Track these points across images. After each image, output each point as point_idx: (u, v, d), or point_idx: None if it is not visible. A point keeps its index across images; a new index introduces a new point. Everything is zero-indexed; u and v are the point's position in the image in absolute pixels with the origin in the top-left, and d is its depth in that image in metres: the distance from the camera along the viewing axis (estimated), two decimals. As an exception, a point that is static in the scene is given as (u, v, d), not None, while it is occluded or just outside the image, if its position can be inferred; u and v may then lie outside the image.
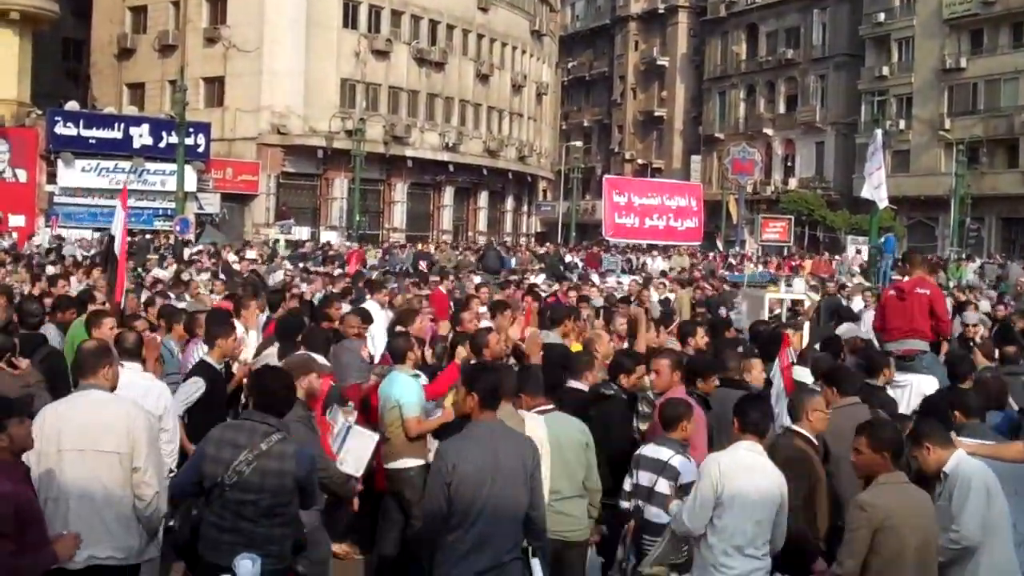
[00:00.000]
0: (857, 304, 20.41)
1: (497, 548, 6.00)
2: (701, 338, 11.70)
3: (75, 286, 18.58)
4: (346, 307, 13.61)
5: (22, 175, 45.35)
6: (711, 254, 48.37)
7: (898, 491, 6.09)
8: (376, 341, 13.08)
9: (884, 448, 6.15)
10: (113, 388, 6.58)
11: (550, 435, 7.31)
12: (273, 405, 6.28)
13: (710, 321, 14.71)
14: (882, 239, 35.24)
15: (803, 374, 9.80)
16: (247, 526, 6.02)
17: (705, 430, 8.09)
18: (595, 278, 29.65)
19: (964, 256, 45.47)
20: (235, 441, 6.09)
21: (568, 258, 42.49)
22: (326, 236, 49.87)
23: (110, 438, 6.18)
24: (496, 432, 6.23)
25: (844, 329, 12.51)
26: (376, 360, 11.71)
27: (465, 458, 6.05)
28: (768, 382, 9.32)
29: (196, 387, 8.81)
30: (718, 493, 6.39)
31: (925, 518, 6.06)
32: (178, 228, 38.08)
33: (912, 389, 10.50)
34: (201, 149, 48.34)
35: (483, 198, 66.70)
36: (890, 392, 10.00)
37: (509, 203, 70.48)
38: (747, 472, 6.46)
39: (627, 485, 7.56)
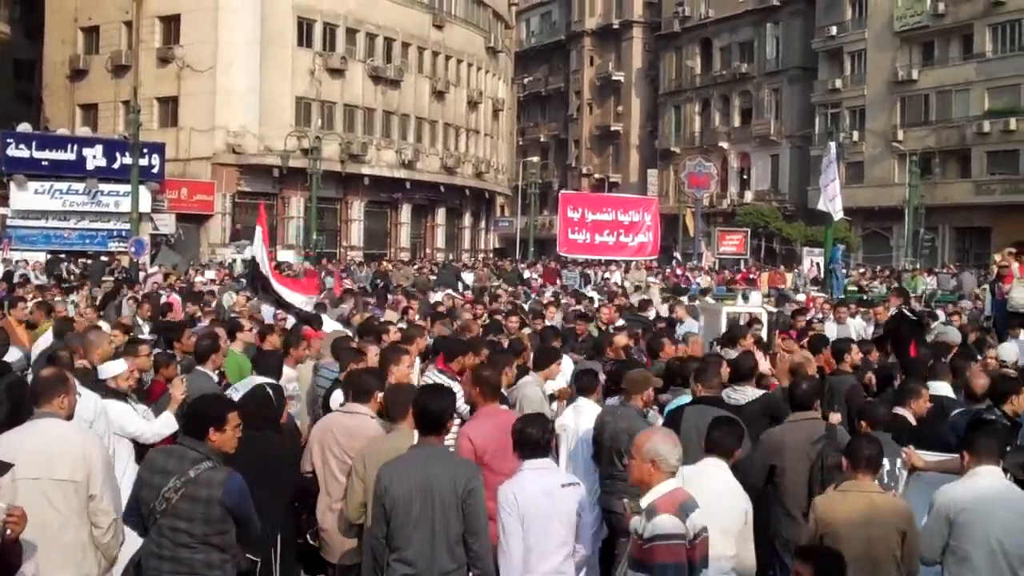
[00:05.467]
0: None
1: (433, 572, 6.01)
2: (856, 354, 11.51)
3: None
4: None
5: (-27, 198, 44.80)
6: (667, 268, 48.45)
7: (851, 499, 6.16)
8: None
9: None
10: (69, 417, 6.50)
11: None
12: (203, 432, 6.12)
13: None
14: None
15: None
16: (185, 553, 5.93)
17: None
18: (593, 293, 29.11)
19: (918, 266, 45.86)
20: (165, 467, 5.97)
21: (526, 274, 42.49)
22: (283, 255, 49.58)
23: (65, 466, 6.12)
24: (432, 455, 6.21)
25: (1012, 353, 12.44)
26: None
27: (396, 480, 6.09)
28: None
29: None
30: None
31: (876, 527, 6.06)
32: (133, 249, 37.76)
33: None
34: (156, 169, 47.89)
35: (441, 215, 66.65)
36: None
37: (467, 219, 70.57)
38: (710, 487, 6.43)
39: None
